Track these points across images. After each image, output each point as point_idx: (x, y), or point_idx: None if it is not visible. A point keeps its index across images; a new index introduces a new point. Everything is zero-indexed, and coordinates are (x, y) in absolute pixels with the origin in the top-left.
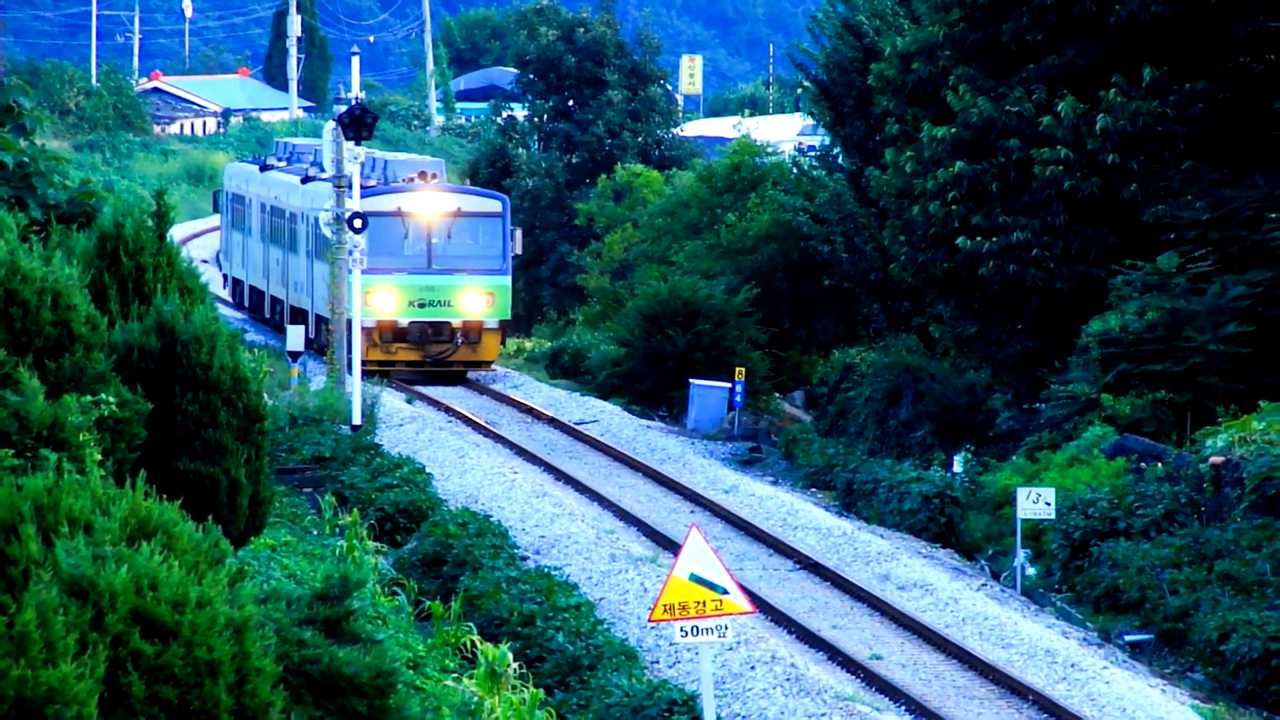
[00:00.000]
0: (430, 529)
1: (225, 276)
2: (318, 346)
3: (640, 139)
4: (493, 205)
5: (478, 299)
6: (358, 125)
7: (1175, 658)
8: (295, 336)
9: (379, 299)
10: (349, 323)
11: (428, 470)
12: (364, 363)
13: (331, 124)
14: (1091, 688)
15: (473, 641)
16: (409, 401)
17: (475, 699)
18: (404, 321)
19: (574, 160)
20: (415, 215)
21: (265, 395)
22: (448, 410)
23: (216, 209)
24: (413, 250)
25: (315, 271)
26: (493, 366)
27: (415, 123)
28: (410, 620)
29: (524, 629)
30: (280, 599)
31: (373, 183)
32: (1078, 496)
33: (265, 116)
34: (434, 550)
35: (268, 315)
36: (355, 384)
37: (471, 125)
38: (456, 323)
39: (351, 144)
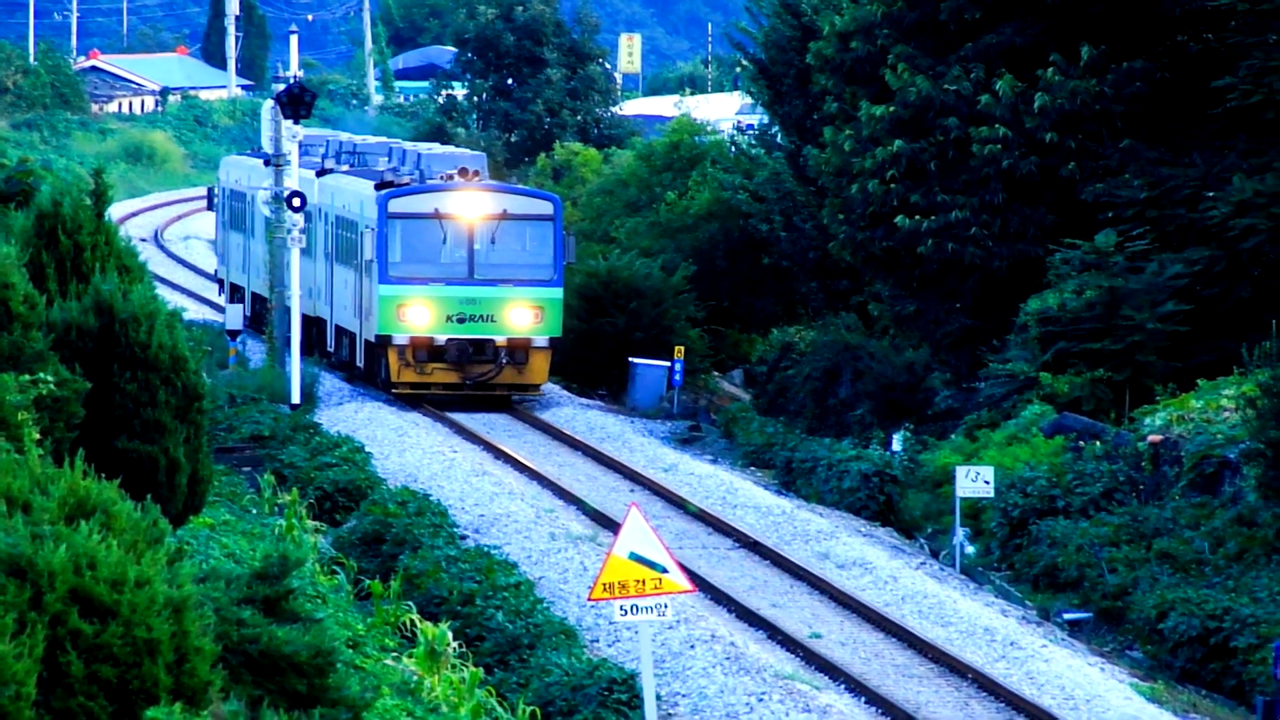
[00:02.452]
0: (369, 508)
1: (221, 283)
2: (342, 365)
3: (579, 117)
4: (543, 206)
5: (525, 314)
6: (296, 104)
7: (1114, 636)
8: (234, 315)
9: (413, 313)
10: (287, 307)
11: (367, 449)
12: (394, 384)
13: (270, 103)
14: (1030, 666)
15: (412, 620)
16: (348, 380)
17: (415, 678)
18: (441, 339)
19: (513, 139)
20: (455, 218)
21: (204, 374)
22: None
23: (210, 206)
24: (452, 258)
25: (336, 276)
26: (541, 390)
27: (354, 101)
28: (349, 599)
29: (463, 608)
30: (219, 578)
31: (406, 180)
32: (1016, 475)
33: (204, 95)
34: (373, 529)
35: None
36: (294, 363)
37: (410, 104)
38: (501, 340)
39: (290, 122)
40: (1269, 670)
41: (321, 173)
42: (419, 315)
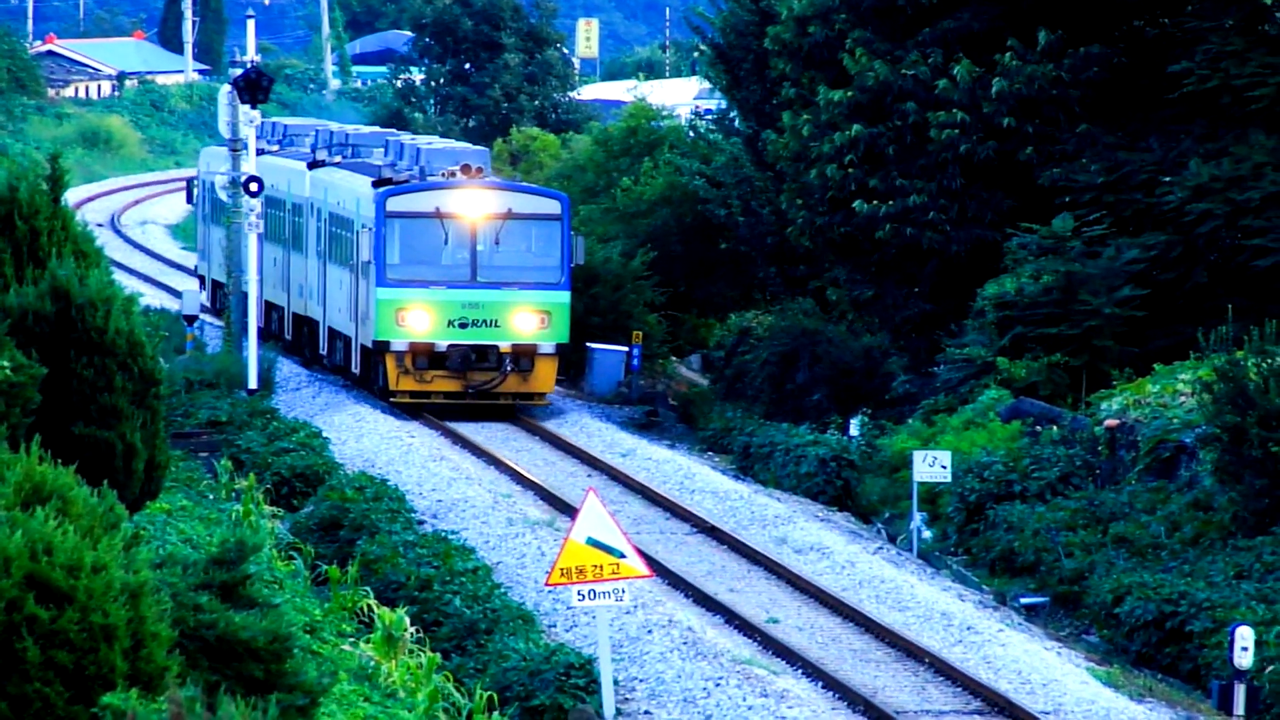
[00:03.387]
0: (327, 493)
1: (202, 279)
2: (337, 370)
3: (537, 102)
4: (550, 205)
5: (531, 319)
6: (253, 89)
7: (1070, 620)
8: (191, 300)
9: (412, 318)
10: (245, 292)
11: (324, 434)
12: (393, 393)
13: (227, 88)
14: (987, 650)
15: (370, 606)
16: (305, 366)
17: (372, 663)
18: (442, 345)
19: (470, 124)
20: (457, 217)
21: (161, 359)
22: (344, 375)
23: (190, 200)
24: (453, 259)
25: (330, 276)
26: (548, 400)
27: (311, 86)
28: (307, 584)
29: (421, 593)
30: (176, 564)
31: (404, 177)
32: (974, 459)
33: (160, 80)
34: (331, 514)
35: (261, 323)
36: (252, 348)
37: (368, 89)
38: (505, 347)
39: (248, 107)
40: (1225, 654)
41: (313, 165)
42: (419, 320)
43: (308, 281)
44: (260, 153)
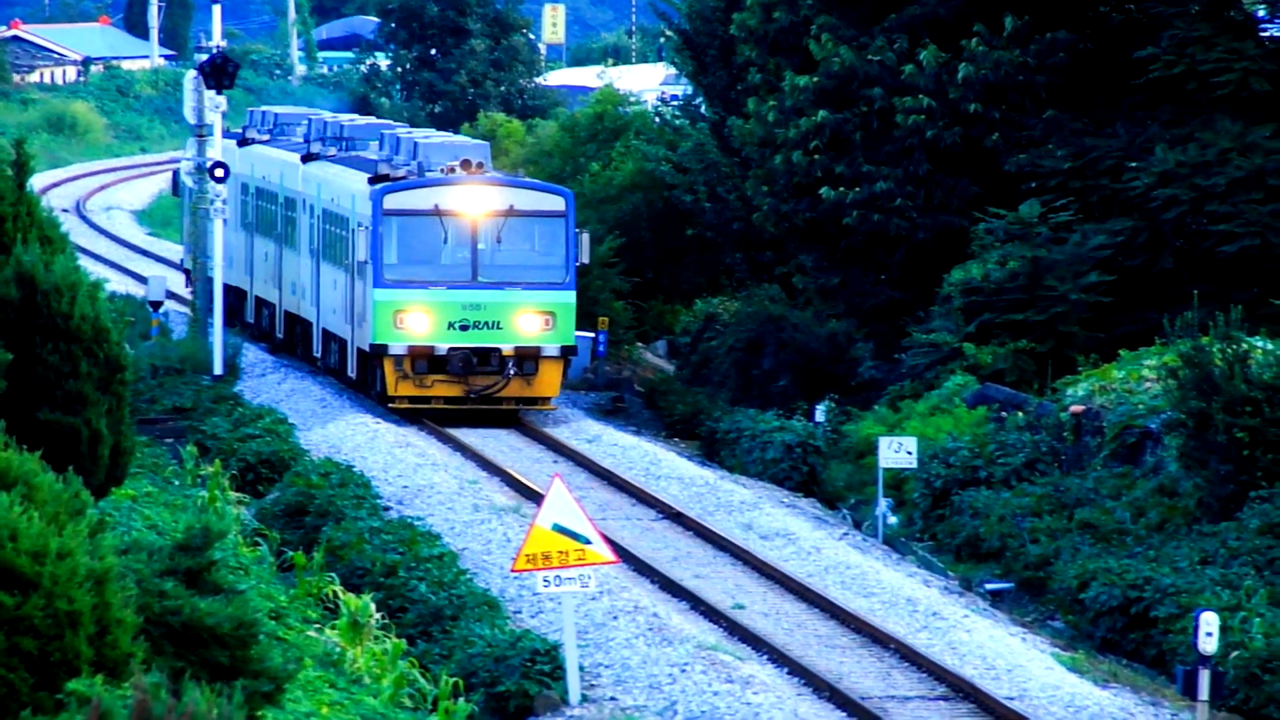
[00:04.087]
0: (292, 479)
1: (189, 273)
2: (331, 372)
3: (503, 88)
4: (554, 202)
5: (534, 320)
6: (219, 74)
7: (1035, 606)
8: (156, 286)
9: (411, 320)
10: (210, 277)
11: (290, 420)
12: (391, 399)
13: (193, 73)
14: (952, 636)
15: (335, 592)
16: (270, 352)
17: (337, 649)
18: (442, 348)
19: (436, 110)
20: (457, 214)
21: (126, 345)
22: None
23: (176, 191)
24: (453, 258)
25: (324, 276)
26: (553, 405)
27: (277, 72)
28: (272, 571)
29: (386, 579)
30: (141, 550)
31: (402, 174)
32: (939, 445)
33: (126, 65)
34: (296, 500)
35: (251, 320)
36: (217, 334)
37: (334, 74)
38: (508, 349)
39: (213, 93)
40: (1189, 640)
41: (307, 158)
42: (418, 322)
43: (300, 280)
44: (251, 142)
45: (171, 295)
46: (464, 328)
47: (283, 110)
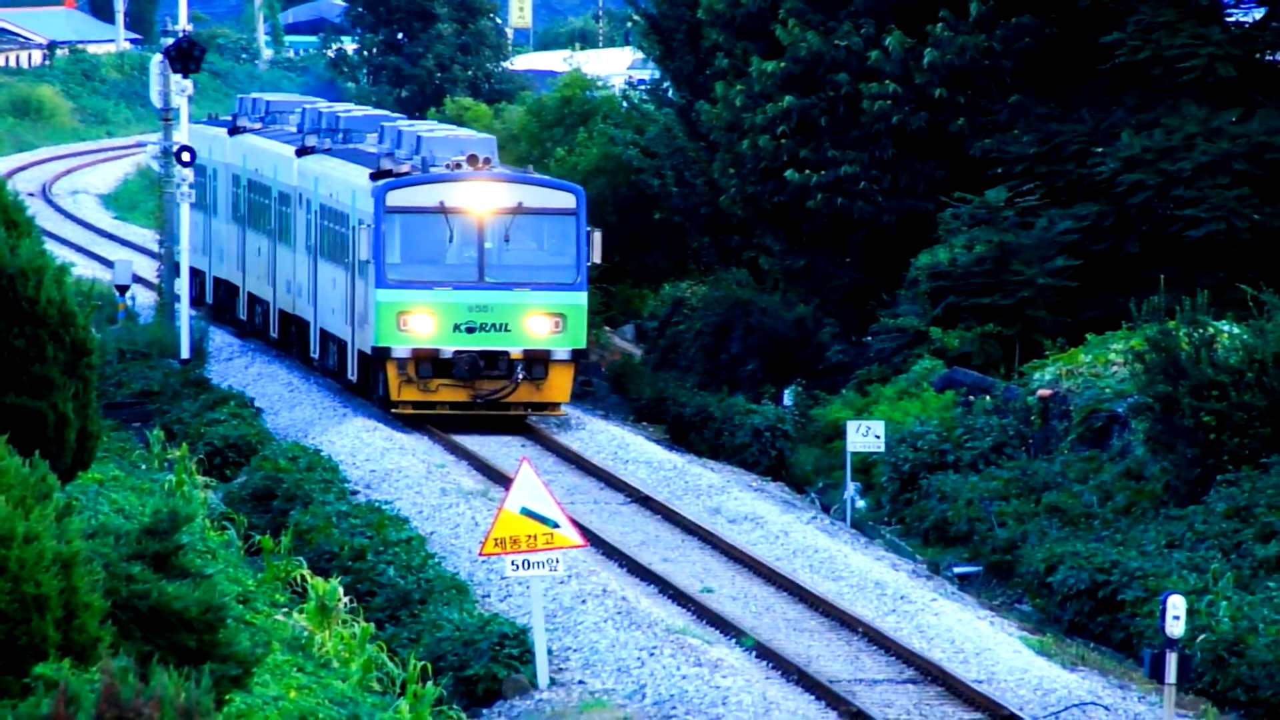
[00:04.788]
0: (260, 463)
1: (176, 267)
2: (330, 374)
3: (470, 72)
4: (564, 199)
5: (544, 322)
6: (185, 58)
7: (1003, 589)
8: (123, 270)
9: (415, 322)
10: (177, 262)
11: (257, 404)
12: (394, 404)
13: (159, 57)
14: (920, 619)
15: (303, 576)
16: (239, 335)
17: (305, 633)
18: (447, 351)
19: (403, 94)
20: (463, 212)
21: (93, 329)
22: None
23: None
24: (459, 258)
25: (322, 274)
26: (562, 410)
27: (244, 56)
28: (240, 555)
29: (354, 563)
30: (108, 534)
31: (405, 169)
32: (907, 429)
33: (92, 49)
34: (264, 484)
35: (244, 317)
36: (184, 317)
37: (301, 59)
38: (516, 353)
39: (179, 76)
40: (1156, 623)
41: (302, 151)
42: (422, 324)
43: (296, 278)
44: (242, 131)
45: (140, 279)
46: (470, 330)
47: (275, 98)
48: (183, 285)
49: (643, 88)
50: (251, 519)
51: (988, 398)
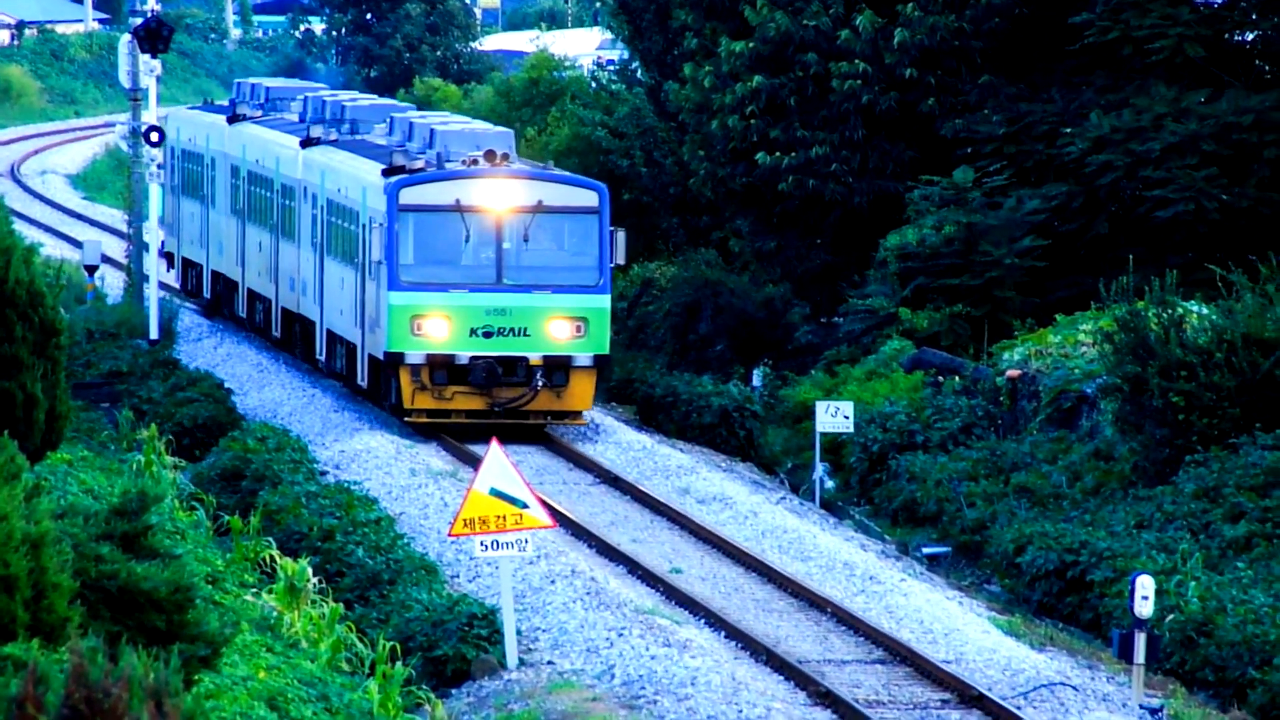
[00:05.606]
0: (229, 444)
1: (170, 257)
2: (336, 376)
3: (438, 53)
4: (587, 197)
5: (565, 326)
6: (154, 38)
7: (972, 570)
8: (91, 250)
9: (430, 326)
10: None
11: (226, 385)
12: (408, 412)
13: (127, 37)
14: (889, 600)
15: (272, 556)
16: (208, 317)
17: (274, 614)
18: (463, 356)
19: (372, 74)
20: (481, 210)
21: (62, 309)
22: (241, 324)
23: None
24: (476, 259)
25: (329, 273)
26: (584, 419)
27: (212, 36)
28: (209, 535)
29: (323, 544)
30: (77, 514)
31: (419, 164)
32: (876, 410)
33: (60, 29)
34: (233, 465)
35: (243, 314)
36: (153, 298)
37: (269, 39)
38: (535, 358)
39: (148, 56)
40: (1125, 603)
41: (307, 143)
42: (437, 328)
43: (300, 275)
44: (242, 119)
45: (109, 260)
46: (488, 335)
47: (275, 83)
48: (152, 267)
49: (611, 68)
50: (220, 499)
51: (956, 378)
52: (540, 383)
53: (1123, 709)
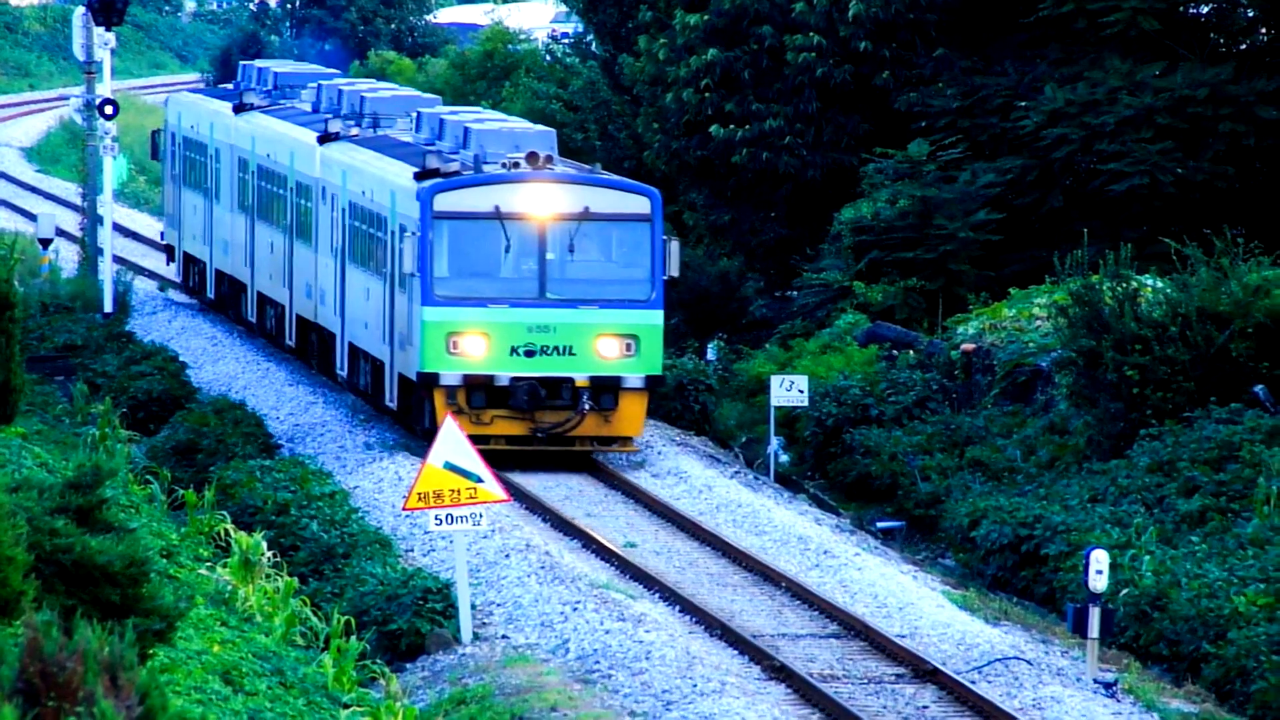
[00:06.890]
0: (183, 417)
1: (170, 250)
2: (359, 393)
3: (393, 26)
4: (638, 203)
5: (613, 344)
6: (108, 10)
7: (926, 544)
8: (45, 223)
9: (467, 344)
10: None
11: (181, 359)
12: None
13: (81, 9)
14: (844, 574)
15: (226, 530)
16: (161, 289)
17: (229, 587)
18: (503, 377)
19: (327, 47)
20: (523, 218)
21: (15, 283)
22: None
23: (156, 155)
24: (517, 271)
25: (352, 282)
26: (635, 446)
27: (167, 9)
28: (163, 509)
29: (278, 517)
30: (32, 488)
31: (455, 167)
32: (830, 384)
33: (14, 1)
34: (187, 439)
35: (252, 319)
36: (107, 271)
37: (224, 11)
38: (582, 379)
39: (102, 29)
40: (1080, 578)
41: (325, 138)
42: (474, 347)
43: (318, 282)
44: (249, 108)
45: (63, 233)
46: (529, 354)
47: (283, 68)
48: (106, 240)
49: (566, 41)
50: (175, 473)
51: (911, 352)
52: (587, 406)
53: (1077, 683)
